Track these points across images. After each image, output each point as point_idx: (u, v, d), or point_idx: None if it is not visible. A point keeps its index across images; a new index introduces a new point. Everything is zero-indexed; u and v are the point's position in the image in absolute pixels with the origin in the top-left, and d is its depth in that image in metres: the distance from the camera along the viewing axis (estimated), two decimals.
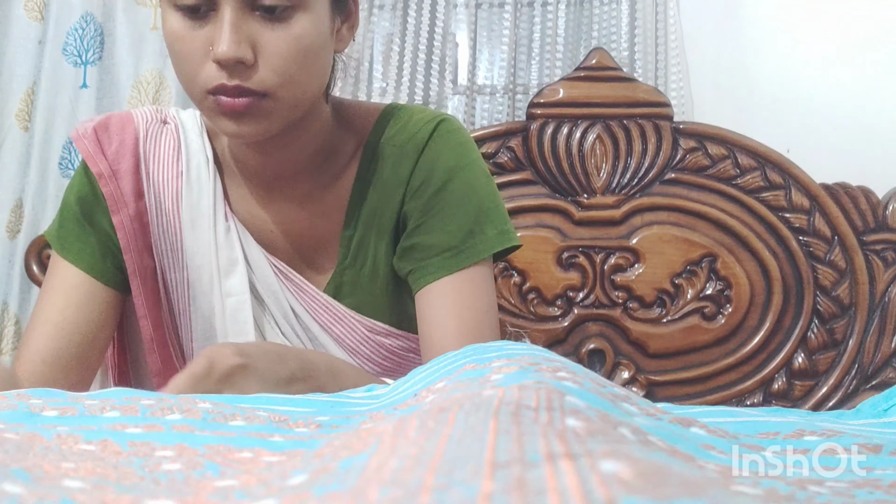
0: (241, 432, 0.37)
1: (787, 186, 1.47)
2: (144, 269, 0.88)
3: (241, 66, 0.74)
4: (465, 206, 0.86)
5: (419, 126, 0.88)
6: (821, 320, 1.47)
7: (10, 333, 1.72)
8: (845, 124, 1.62)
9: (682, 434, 0.34)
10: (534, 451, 0.23)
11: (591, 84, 1.50)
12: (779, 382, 1.48)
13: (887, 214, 1.46)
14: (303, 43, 0.75)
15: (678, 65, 1.63)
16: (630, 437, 0.29)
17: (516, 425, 0.26)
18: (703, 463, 0.32)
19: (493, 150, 1.50)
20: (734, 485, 0.29)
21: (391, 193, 0.88)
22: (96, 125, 0.89)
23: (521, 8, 1.74)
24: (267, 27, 0.74)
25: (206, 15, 0.74)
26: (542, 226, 1.50)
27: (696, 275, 1.48)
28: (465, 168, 0.87)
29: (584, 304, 1.49)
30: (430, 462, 0.24)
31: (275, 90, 0.75)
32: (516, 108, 1.76)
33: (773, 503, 0.28)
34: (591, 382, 0.35)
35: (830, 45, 1.64)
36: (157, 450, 0.33)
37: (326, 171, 0.89)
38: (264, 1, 0.73)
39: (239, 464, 0.33)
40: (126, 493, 0.27)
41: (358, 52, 1.71)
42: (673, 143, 1.48)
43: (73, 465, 0.30)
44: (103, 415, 0.38)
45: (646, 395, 1.50)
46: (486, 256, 0.86)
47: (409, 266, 0.87)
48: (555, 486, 0.20)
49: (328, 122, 0.88)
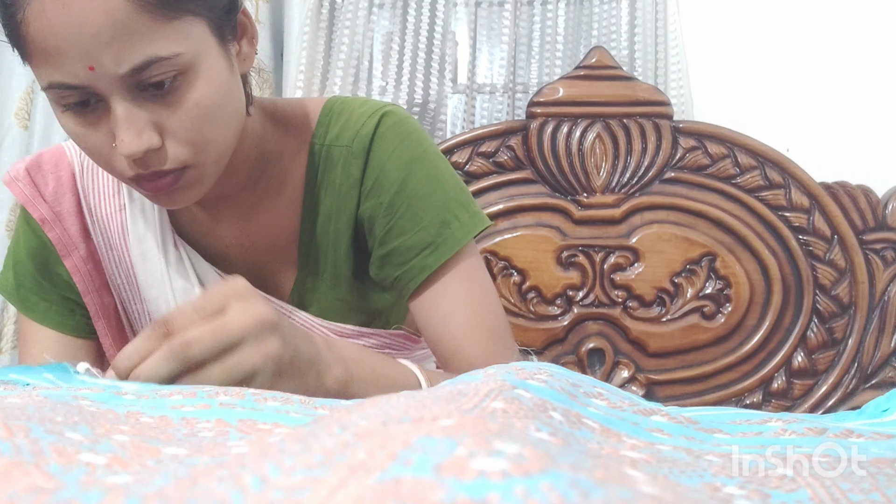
0: (272, 410, 0.41)
1: (787, 185, 1.47)
2: (106, 307, 0.86)
3: (150, 153, 0.69)
4: (431, 199, 0.82)
5: (362, 121, 0.84)
6: (820, 319, 1.47)
7: (9, 332, 1.72)
8: (845, 124, 1.63)
9: (635, 420, 0.36)
10: (431, 415, 0.26)
11: (590, 83, 1.50)
12: (778, 381, 1.48)
13: (887, 213, 1.47)
14: (203, 106, 0.70)
15: (678, 63, 1.64)
16: (558, 418, 0.31)
17: (439, 403, 0.28)
18: (629, 440, 0.33)
19: (493, 149, 1.50)
20: (625, 449, 0.32)
21: (345, 196, 0.85)
22: (28, 166, 0.86)
23: (521, 6, 1.74)
24: (162, 105, 0.68)
25: (97, 108, 0.68)
26: (541, 225, 1.50)
27: (696, 274, 1.48)
28: (420, 160, 0.84)
29: (584, 304, 1.49)
30: (364, 422, 0.28)
31: (192, 160, 0.71)
32: (516, 107, 1.76)
33: (657, 462, 0.30)
34: (567, 384, 0.36)
35: (830, 45, 1.65)
36: (201, 422, 0.38)
37: (272, 178, 0.86)
38: (150, 80, 0.66)
39: (257, 433, 0.36)
40: (154, 443, 0.32)
41: (357, 51, 1.71)
42: (673, 142, 1.48)
43: (128, 428, 0.35)
44: (170, 398, 0.43)
45: (645, 393, 1.50)
46: (467, 242, 0.83)
47: (393, 273, 0.83)
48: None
49: (258, 131, 0.84)
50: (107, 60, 0.64)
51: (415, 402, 0.29)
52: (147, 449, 0.30)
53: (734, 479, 0.27)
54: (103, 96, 0.67)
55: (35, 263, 0.87)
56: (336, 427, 0.26)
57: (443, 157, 0.87)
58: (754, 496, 0.25)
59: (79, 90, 0.67)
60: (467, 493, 0.18)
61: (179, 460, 0.29)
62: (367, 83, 1.75)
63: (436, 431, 0.23)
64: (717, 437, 0.36)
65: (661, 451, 0.31)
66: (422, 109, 1.73)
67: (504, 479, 0.19)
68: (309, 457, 0.23)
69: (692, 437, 0.35)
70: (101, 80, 0.65)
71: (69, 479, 0.24)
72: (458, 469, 0.19)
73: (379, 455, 0.21)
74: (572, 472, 0.19)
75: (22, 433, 0.29)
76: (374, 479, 0.19)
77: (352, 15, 1.70)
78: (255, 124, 0.84)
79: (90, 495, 0.20)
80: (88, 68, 0.65)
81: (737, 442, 0.35)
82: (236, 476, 0.22)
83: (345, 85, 1.69)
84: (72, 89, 0.67)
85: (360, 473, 0.20)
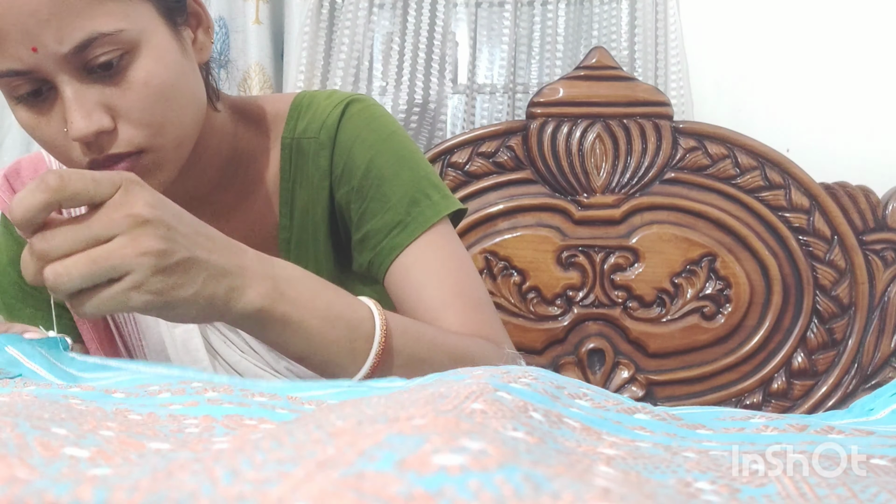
0: (258, 405, 0.41)
1: (787, 186, 1.47)
2: None
3: (103, 136, 0.68)
4: (398, 178, 0.81)
5: (328, 111, 0.84)
6: (820, 320, 1.47)
7: None
8: (845, 124, 1.62)
9: (618, 419, 0.36)
10: (407, 416, 0.26)
11: (590, 83, 1.50)
12: (778, 382, 1.48)
13: (887, 214, 1.46)
14: (153, 85, 0.69)
15: (678, 64, 1.64)
16: (538, 418, 0.31)
17: (417, 405, 0.29)
18: (609, 438, 0.34)
19: (493, 150, 1.50)
20: (603, 447, 0.32)
21: (318, 187, 0.84)
22: (6, 172, 0.86)
23: (521, 7, 1.75)
24: (111, 85, 0.67)
25: (48, 97, 0.68)
26: (541, 225, 1.50)
27: (696, 274, 1.48)
28: (386, 140, 0.82)
29: (584, 304, 1.49)
30: (340, 421, 0.28)
31: (148, 143, 0.70)
32: (516, 108, 1.76)
33: (633, 459, 0.31)
34: (550, 387, 0.36)
35: (830, 45, 1.65)
36: (188, 418, 0.38)
37: (246, 175, 0.85)
38: (96, 61, 0.66)
39: (241, 429, 0.36)
40: (139, 438, 0.32)
41: (357, 51, 1.72)
42: (673, 143, 1.48)
43: (115, 424, 0.35)
44: (159, 396, 0.42)
45: (645, 394, 1.50)
46: (438, 221, 0.80)
47: (367, 257, 0.81)
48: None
49: (229, 128, 0.84)
50: (48, 40, 0.64)
51: (393, 404, 0.29)
52: (132, 444, 0.31)
53: (707, 474, 0.28)
54: (52, 81, 0.67)
55: (17, 270, 0.85)
56: (313, 425, 0.27)
57: (411, 140, 0.86)
58: (724, 490, 0.26)
59: (26, 76, 0.66)
60: (424, 486, 0.18)
61: (162, 455, 0.29)
62: (367, 83, 1.75)
63: (407, 430, 0.23)
64: (700, 432, 0.36)
65: (639, 447, 0.32)
66: (422, 109, 1.73)
67: (461, 474, 0.19)
68: (281, 452, 0.23)
69: (674, 434, 0.35)
70: (46, 61, 0.65)
71: (50, 471, 0.24)
72: (420, 464, 0.20)
73: (347, 452, 0.22)
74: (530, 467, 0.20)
75: (8, 428, 0.30)
76: (338, 473, 0.20)
77: (352, 15, 1.70)
78: (225, 121, 0.83)
79: (61, 486, 0.21)
80: (31, 49, 0.64)
81: (719, 438, 0.35)
82: (210, 469, 0.22)
83: (345, 85, 1.69)
84: (20, 76, 0.66)
85: (326, 468, 0.20)
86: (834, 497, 0.25)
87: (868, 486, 0.26)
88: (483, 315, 0.79)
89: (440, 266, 0.79)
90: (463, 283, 0.79)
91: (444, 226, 0.81)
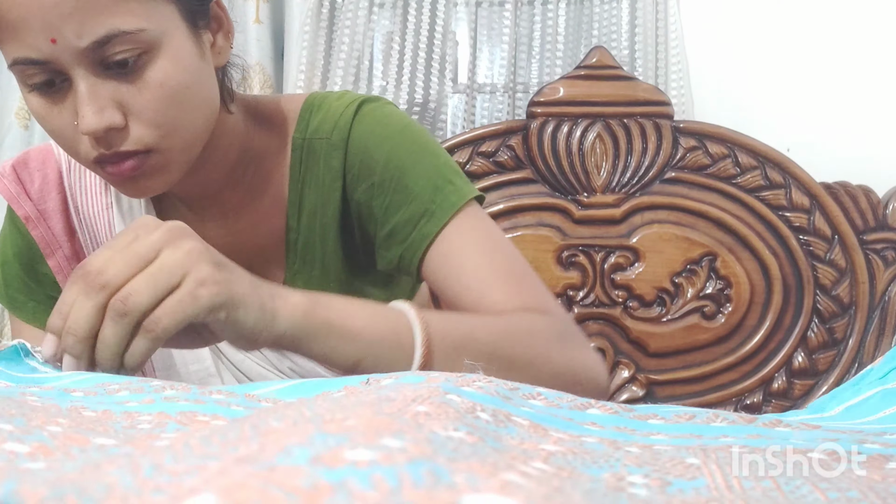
0: (213, 402, 0.41)
1: (788, 185, 1.46)
2: None
3: (113, 132, 0.68)
4: (419, 168, 0.80)
5: (340, 112, 0.83)
6: (821, 319, 1.47)
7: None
8: (845, 124, 1.62)
9: (570, 416, 0.36)
10: (343, 417, 0.27)
11: (591, 83, 1.50)
12: (778, 381, 1.48)
13: (887, 213, 1.46)
14: (169, 87, 0.69)
15: (678, 63, 1.63)
16: (485, 417, 0.32)
17: (359, 408, 0.29)
18: (556, 434, 0.34)
19: (493, 149, 1.50)
20: (548, 443, 0.32)
21: (329, 188, 0.83)
22: (14, 163, 0.86)
23: (522, 6, 1.75)
24: (126, 83, 0.68)
25: (62, 87, 0.68)
26: (542, 224, 1.50)
27: (696, 274, 1.48)
28: (402, 132, 0.82)
29: (584, 303, 1.49)
30: (276, 423, 0.28)
31: (157, 143, 0.70)
32: (516, 107, 1.76)
33: (573, 455, 0.31)
34: (504, 388, 0.37)
35: (830, 45, 1.64)
36: (143, 415, 0.38)
37: (256, 176, 0.85)
38: (113, 58, 0.66)
39: (193, 424, 0.36)
40: (85, 434, 0.32)
41: (358, 51, 1.72)
42: (673, 142, 1.48)
43: (66, 420, 0.35)
44: (117, 395, 0.43)
45: (646, 394, 1.50)
46: (464, 204, 0.79)
47: (397, 252, 0.80)
48: None
49: (240, 129, 0.83)
50: (68, 33, 0.64)
51: (335, 407, 0.29)
52: (76, 439, 0.31)
53: (643, 468, 0.28)
54: (67, 73, 0.67)
55: (21, 263, 0.87)
56: (248, 426, 0.27)
57: (426, 131, 0.85)
58: (654, 484, 0.26)
59: (42, 66, 0.67)
60: (328, 478, 0.19)
61: (104, 450, 0.30)
62: (367, 83, 1.76)
63: (334, 429, 0.23)
64: (651, 422, 0.36)
65: (584, 443, 0.32)
66: (422, 109, 1.73)
67: (368, 468, 0.19)
68: (206, 448, 0.24)
69: (623, 428, 0.35)
70: (64, 53, 0.65)
71: None
72: (332, 459, 0.20)
73: (270, 448, 0.22)
74: (443, 463, 0.20)
75: None
76: (253, 467, 0.20)
77: (352, 15, 1.71)
78: (237, 122, 0.83)
79: None
80: (50, 41, 0.64)
81: (668, 429, 0.35)
82: (135, 463, 0.22)
83: (345, 85, 1.70)
84: (36, 65, 0.67)
85: (243, 463, 0.21)
86: (759, 489, 0.25)
87: (793, 478, 0.26)
88: (527, 287, 0.78)
89: (474, 248, 0.78)
90: (500, 261, 0.78)
91: (472, 207, 0.80)
